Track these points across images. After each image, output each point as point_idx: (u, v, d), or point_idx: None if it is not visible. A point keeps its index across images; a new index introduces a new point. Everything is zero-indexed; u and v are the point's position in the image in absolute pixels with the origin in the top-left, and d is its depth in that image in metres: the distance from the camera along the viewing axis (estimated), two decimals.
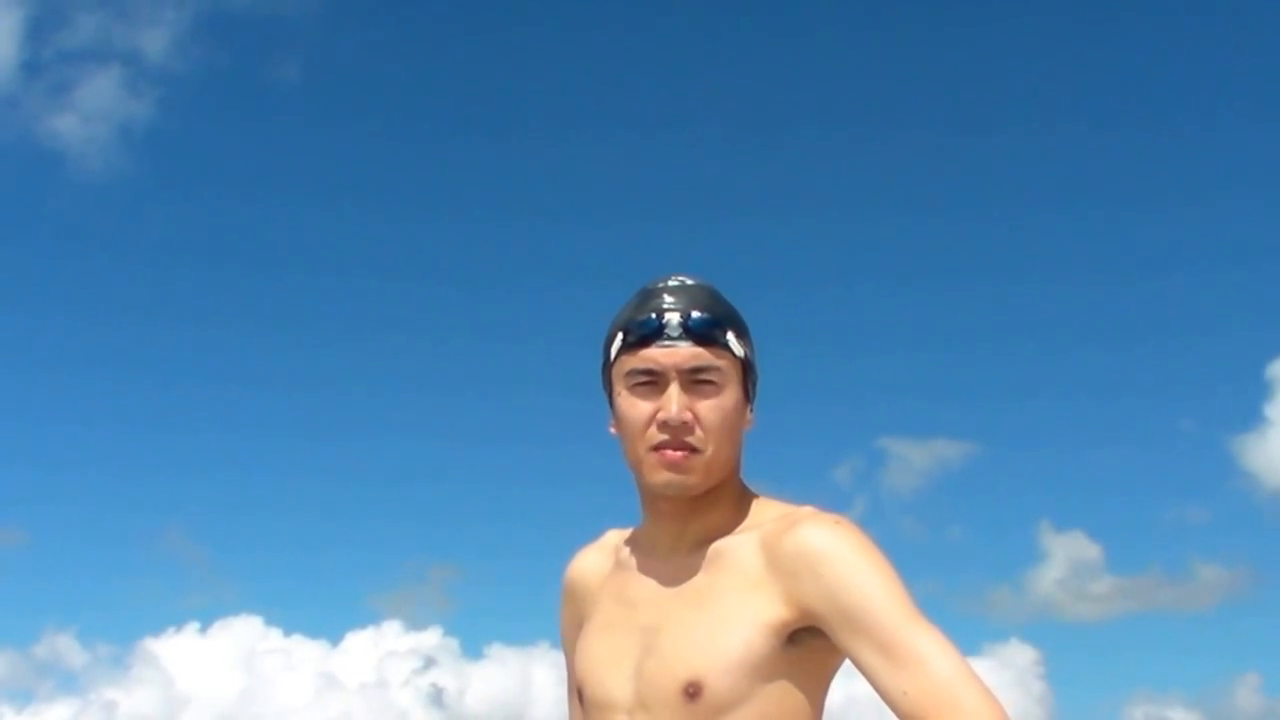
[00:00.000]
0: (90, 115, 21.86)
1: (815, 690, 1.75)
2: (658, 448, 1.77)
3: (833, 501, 1.76)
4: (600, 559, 1.98)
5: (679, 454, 1.76)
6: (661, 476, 1.78)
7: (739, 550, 1.78)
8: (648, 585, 1.85)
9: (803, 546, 1.71)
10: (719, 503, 1.82)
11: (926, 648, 1.62)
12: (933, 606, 1.67)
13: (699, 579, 1.79)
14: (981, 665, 1.58)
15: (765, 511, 1.83)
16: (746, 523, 1.82)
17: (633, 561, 1.90)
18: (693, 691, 1.70)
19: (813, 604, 1.68)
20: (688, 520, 1.82)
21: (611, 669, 1.80)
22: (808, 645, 1.71)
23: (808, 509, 1.79)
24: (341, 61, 24.72)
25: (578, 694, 1.88)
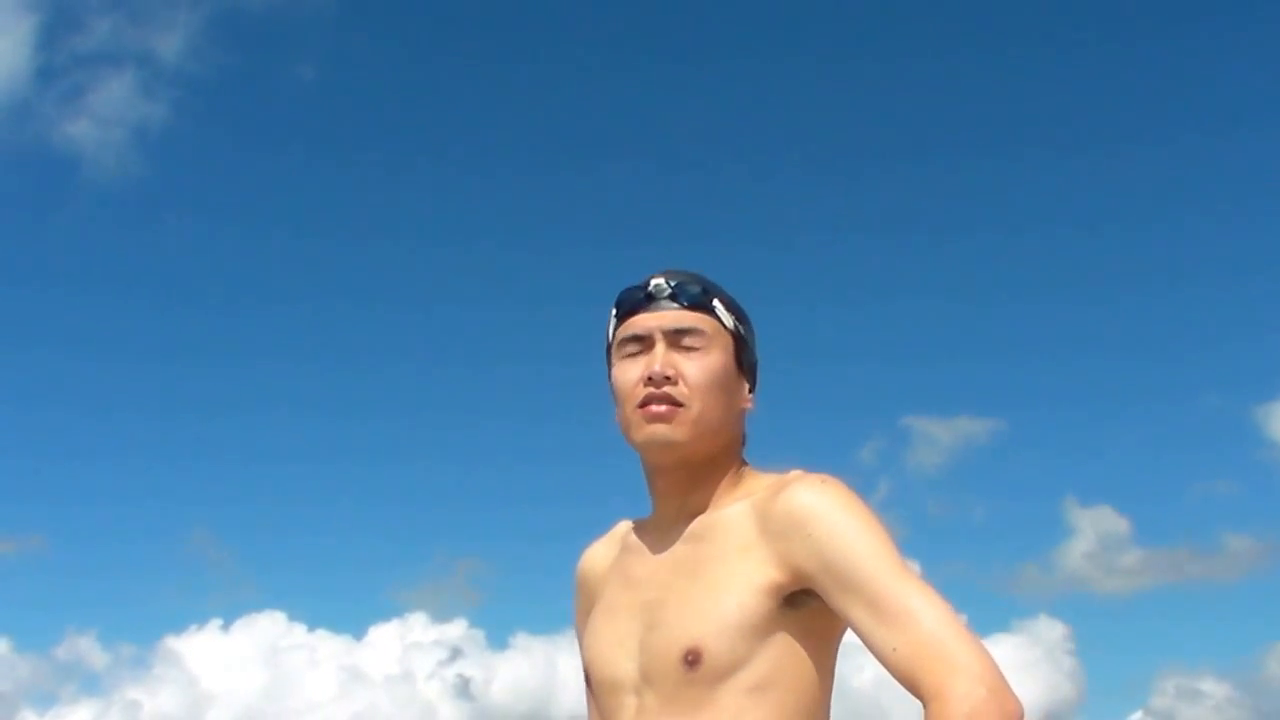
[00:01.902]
0: (105, 119, 21.98)
1: (821, 653, 1.75)
2: (643, 404, 1.79)
3: (858, 482, 1.75)
4: (608, 549, 2.00)
5: (661, 407, 1.78)
6: (645, 430, 1.80)
7: (732, 519, 1.78)
8: (649, 563, 1.86)
9: (791, 507, 1.71)
10: (717, 477, 1.84)
11: (915, 603, 1.61)
12: (961, 584, 1.67)
13: (695, 550, 1.80)
14: (1011, 641, 1.57)
15: (758, 482, 1.84)
16: (739, 493, 1.82)
17: (636, 543, 1.92)
18: (692, 659, 1.70)
19: (803, 564, 1.69)
20: (687, 494, 1.84)
21: (617, 648, 1.81)
22: (808, 608, 1.72)
23: (796, 472, 1.79)
24: (356, 63, 24.76)
25: (586, 677, 1.89)
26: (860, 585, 1.63)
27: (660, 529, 1.87)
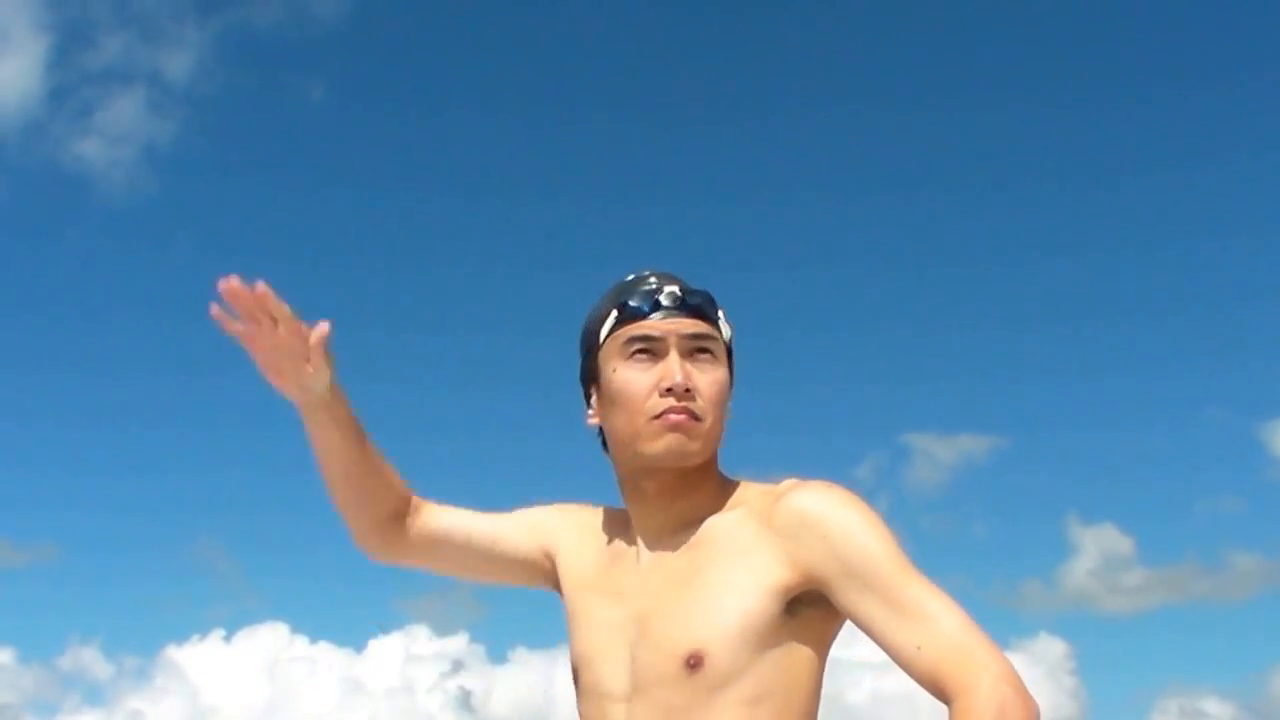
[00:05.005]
0: (115, 137, 21.98)
1: (815, 663, 1.74)
2: (661, 415, 1.75)
3: None
4: (593, 537, 1.95)
5: (683, 416, 1.75)
6: (665, 441, 1.75)
7: (727, 527, 1.77)
8: (635, 574, 1.84)
9: (801, 508, 1.70)
10: (703, 485, 1.82)
11: (934, 603, 1.63)
12: (961, 600, 1.67)
13: (687, 559, 1.78)
14: (1012, 659, 1.59)
15: (747, 491, 1.82)
16: (730, 502, 1.81)
17: (618, 553, 1.89)
18: (694, 663, 1.68)
19: (816, 564, 1.67)
20: (673, 502, 1.81)
21: (607, 660, 1.79)
22: (805, 615, 1.70)
23: (790, 480, 1.77)
24: (366, 81, 24.79)
25: (574, 678, 1.87)
26: (880, 584, 1.64)
27: (645, 538, 1.84)
